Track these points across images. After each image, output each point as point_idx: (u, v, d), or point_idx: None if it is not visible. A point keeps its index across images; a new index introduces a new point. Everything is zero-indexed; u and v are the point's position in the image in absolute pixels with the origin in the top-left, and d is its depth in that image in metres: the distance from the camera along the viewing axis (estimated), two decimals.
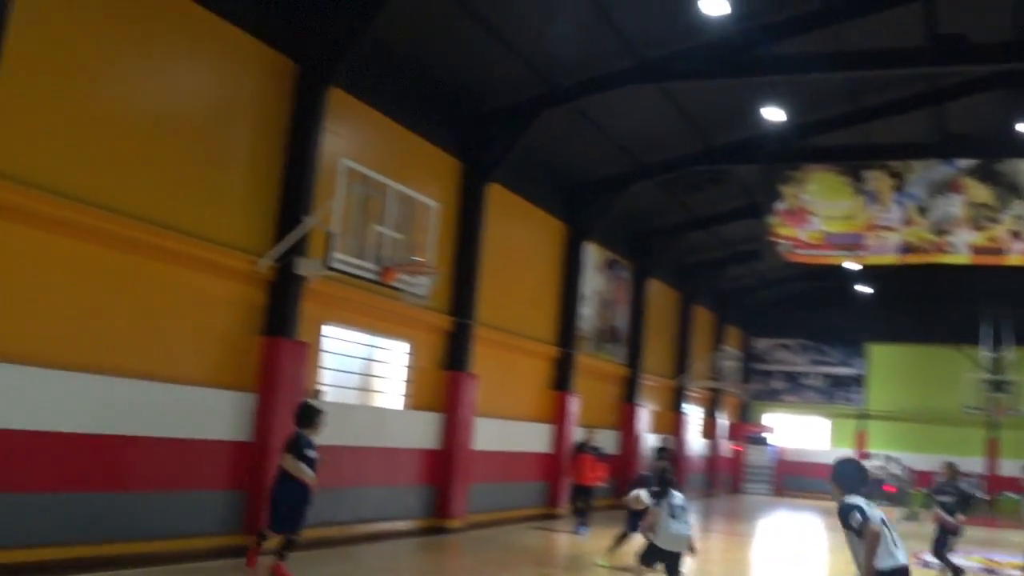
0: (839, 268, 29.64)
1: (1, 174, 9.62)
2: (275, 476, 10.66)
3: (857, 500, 6.75)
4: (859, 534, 6.59)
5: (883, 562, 6.51)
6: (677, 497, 10.86)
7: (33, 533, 10.02)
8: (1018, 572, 16.07)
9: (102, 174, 10.82)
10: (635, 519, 13.10)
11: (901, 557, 6.60)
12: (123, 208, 10.98)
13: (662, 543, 10.70)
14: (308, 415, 10.82)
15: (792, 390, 39.19)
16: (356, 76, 14.37)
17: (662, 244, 27.05)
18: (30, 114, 10.01)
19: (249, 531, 11.93)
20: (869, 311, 36.43)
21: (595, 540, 16.46)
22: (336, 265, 11.84)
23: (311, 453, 10.58)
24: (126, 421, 10.99)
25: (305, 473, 10.43)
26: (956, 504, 14.14)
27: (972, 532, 17.72)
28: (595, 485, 18.34)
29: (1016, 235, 19.39)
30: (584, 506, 18.42)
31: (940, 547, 14.09)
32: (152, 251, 11.40)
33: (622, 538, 13.84)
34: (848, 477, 7.00)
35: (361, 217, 12.43)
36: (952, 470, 14.70)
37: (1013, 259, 19.47)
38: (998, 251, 19.57)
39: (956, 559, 14.31)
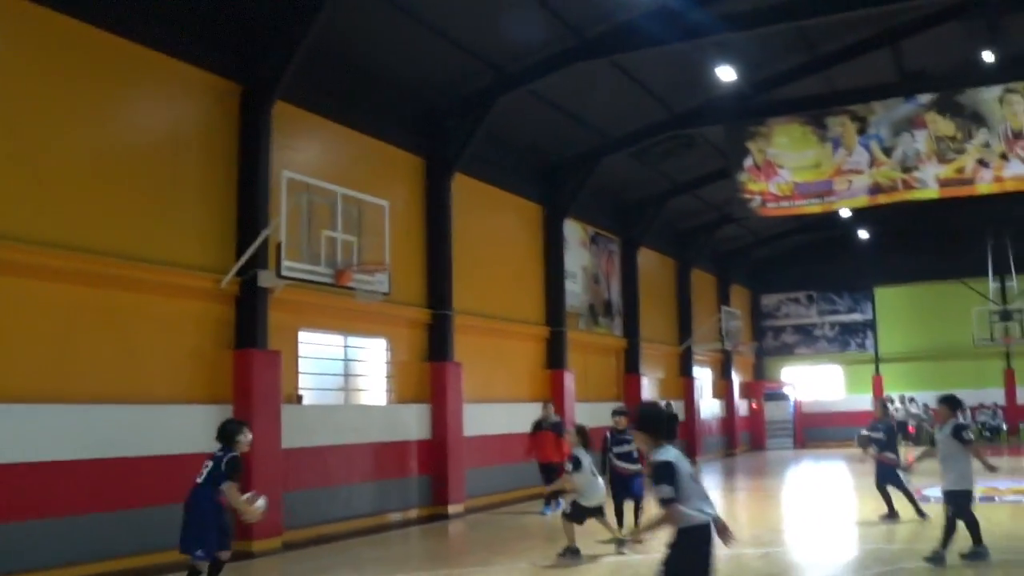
0: (836, 215, 29.77)
1: None
2: (192, 496, 9.20)
3: (668, 455, 6.04)
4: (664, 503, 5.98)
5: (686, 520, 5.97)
6: (592, 456, 12.21)
7: (27, 558, 10.54)
8: (1019, 496, 16.34)
9: (63, 216, 11.39)
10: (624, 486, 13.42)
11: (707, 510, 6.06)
12: (87, 246, 11.57)
13: (587, 501, 11.72)
14: (228, 432, 9.40)
15: (805, 342, 39.37)
16: (304, 88, 14.76)
17: (647, 213, 27.25)
18: None
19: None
20: (872, 255, 36.31)
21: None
22: (287, 273, 12.28)
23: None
24: (108, 445, 11.54)
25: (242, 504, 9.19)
26: (888, 441, 14.53)
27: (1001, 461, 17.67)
28: (556, 463, 16.63)
29: (983, 164, 19.52)
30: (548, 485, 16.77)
31: (884, 481, 14.48)
32: (119, 282, 11.97)
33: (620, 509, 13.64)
34: (654, 421, 6.29)
35: (311, 224, 12.83)
36: (883, 407, 15.10)
37: (982, 188, 19.64)
38: (967, 181, 19.73)
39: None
